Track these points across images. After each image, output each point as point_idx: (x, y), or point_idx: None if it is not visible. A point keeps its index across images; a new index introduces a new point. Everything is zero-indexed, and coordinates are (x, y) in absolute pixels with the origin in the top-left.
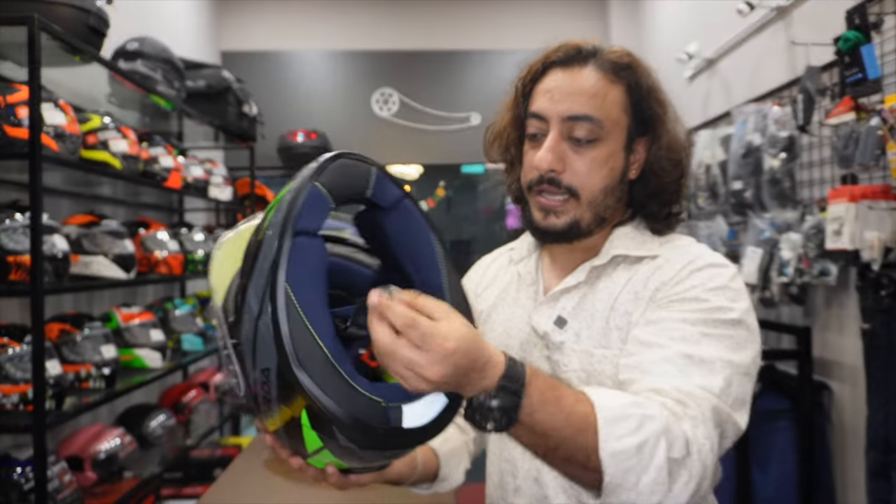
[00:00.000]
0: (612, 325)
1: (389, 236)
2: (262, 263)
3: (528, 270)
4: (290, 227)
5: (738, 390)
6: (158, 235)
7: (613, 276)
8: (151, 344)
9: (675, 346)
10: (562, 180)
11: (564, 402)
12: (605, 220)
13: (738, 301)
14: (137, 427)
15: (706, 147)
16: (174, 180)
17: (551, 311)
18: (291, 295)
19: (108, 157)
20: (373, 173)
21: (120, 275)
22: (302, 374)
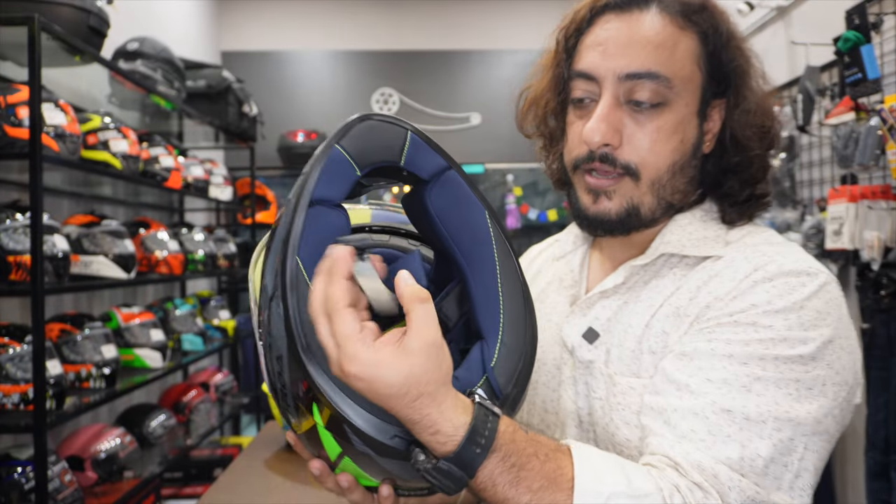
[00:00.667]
0: (645, 346)
1: (433, 217)
2: (278, 236)
3: (570, 269)
4: (305, 196)
5: (805, 456)
6: (159, 235)
7: (662, 282)
8: (152, 344)
9: (711, 395)
10: (618, 157)
11: (525, 486)
12: (672, 205)
13: (818, 327)
14: (138, 427)
15: None
16: (174, 180)
17: (583, 321)
18: (304, 271)
19: (108, 157)
20: (408, 137)
21: (120, 275)
22: (310, 362)
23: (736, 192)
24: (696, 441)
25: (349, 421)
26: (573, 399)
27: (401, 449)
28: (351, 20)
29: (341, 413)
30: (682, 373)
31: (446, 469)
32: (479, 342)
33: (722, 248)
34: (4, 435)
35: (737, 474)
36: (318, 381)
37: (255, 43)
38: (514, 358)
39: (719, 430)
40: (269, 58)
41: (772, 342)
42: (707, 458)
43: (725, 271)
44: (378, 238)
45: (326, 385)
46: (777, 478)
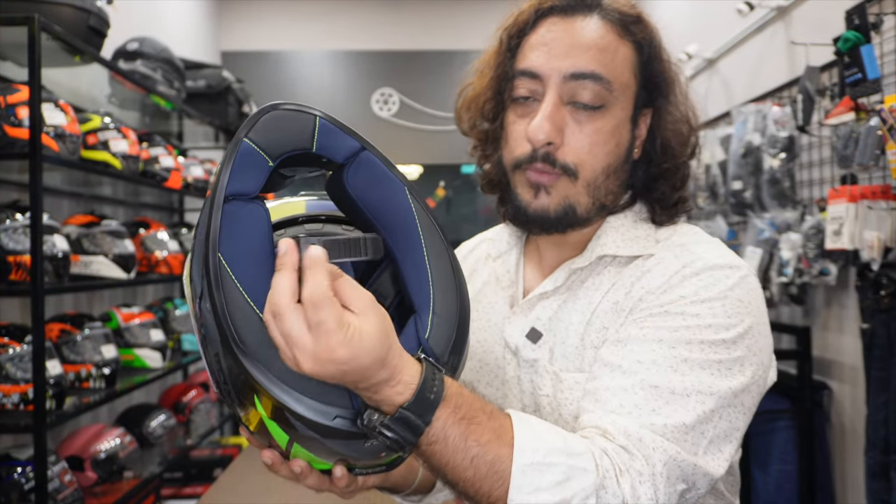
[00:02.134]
0: (588, 342)
1: (354, 200)
2: (199, 237)
3: (507, 269)
4: (219, 193)
5: (721, 426)
6: (159, 235)
7: (598, 280)
8: (151, 344)
9: (640, 374)
10: (557, 157)
11: (474, 438)
12: (605, 207)
13: (741, 314)
14: (137, 427)
15: (705, 147)
16: (174, 180)
17: (525, 322)
18: (227, 267)
19: (108, 157)
20: (317, 123)
21: (120, 275)
22: (244, 355)
23: (667, 197)
24: (624, 413)
25: (289, 408)
26: (519, 398)
27: (344, 429)
28: (351, 20)
29: (281, 402)
30: (614, 356)
31: (404, 418)
32: (413, 316)
33: (653, 246)
34: (4, 435)
35: (660, 437)
36: (254, 374)
37: (254, 43)
38: (447, 327)
39: (646, 403)
40: (268, 58)
41: (698, 328)
42: (633, 424)
43: (657, 268)
44: (311, 227)
45: (263, 377)
46: (695, 443)
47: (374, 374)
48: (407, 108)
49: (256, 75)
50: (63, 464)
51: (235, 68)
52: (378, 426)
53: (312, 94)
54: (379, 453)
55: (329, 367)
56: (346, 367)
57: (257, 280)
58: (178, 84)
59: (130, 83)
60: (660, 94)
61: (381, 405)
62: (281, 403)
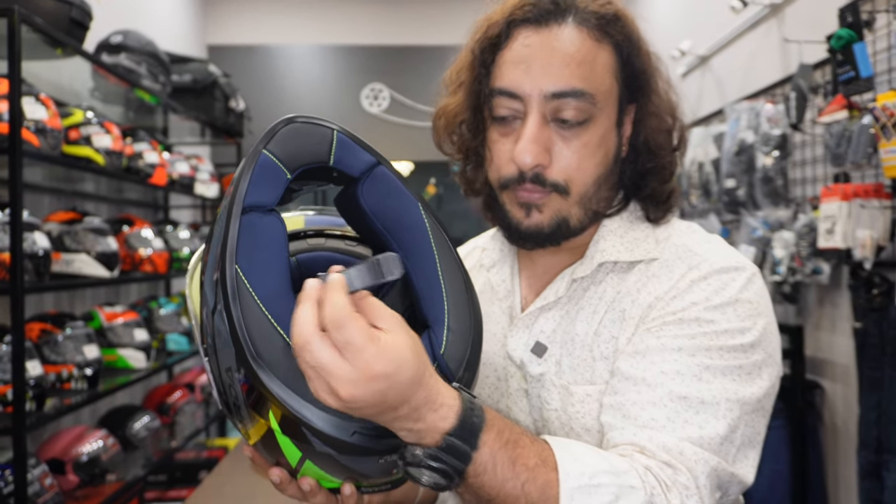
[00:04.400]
0: (598, 353)
1: (367, 214)
2: (214, 248)
3: (502, 279)
4: (237, 204)
5: (747, 432)
6: (143, 233)
7: (600, 288)
8: (135, 344)
9: (667, 385)
10: (547, 177)
11: (522, 463)
12: (598, 213)
13: (753, 317)
14: (121, 429)
15: (699, 145)
16: (159, 177)
17: (528, 335)
18: (244, 279)
19: (90, 153)
20: (334, 136)
21: (103, 273)
22: (261, 369)
23: (658, 193)
24: (658, 427)
25: (307, 423)
26: (526, 412)
27: (362, 445)
28: (341, 14)
29: (298, 416)
30: (636, 369)
31: (452, 445)
32: (427, 331)
33: (654, 248)
34: None
35: (699, 448)
36: (272, 389)
37: (242, 37)
38: (462, 342)
39: (678, 415)
40: (256, 52)
41: (715, 334)
42: (670, 438)
43: (661, 272)
44: (314, 242)
45: (281, 390)
46: (728, 452)
47: (413, 393)
48: (397, 104)
49: (244, 70)
50: (43, 467)
51: (222, 62)
52: (424, 459)
53: (301, 90)
54: (390, 471)
55: (369, 388)
56: (386, 385)
57: (275, 293)
58: (163, 78)
59: (114, 77)
60: (642, 88)
61: (423, 435)
62: (299, 418)
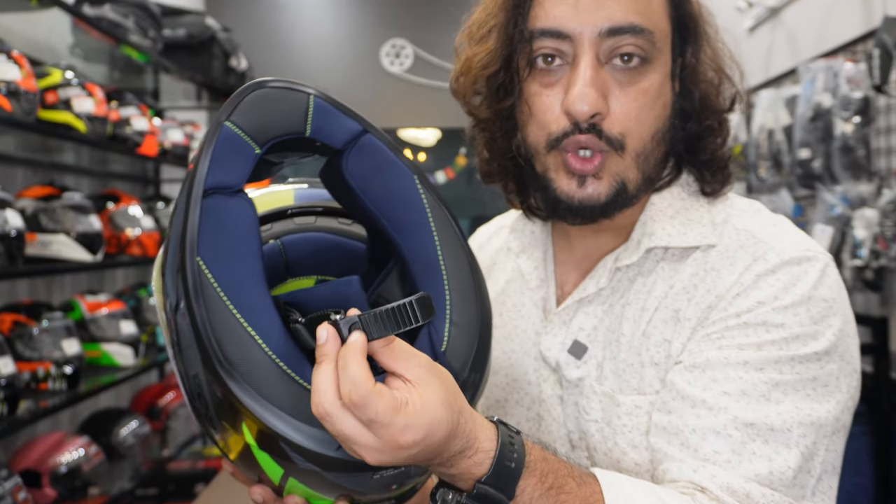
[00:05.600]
0: (647, 358)
1: (354, 190)
2: (174, 237)
3: (534, 266)
4: (197, 186)
5: (827, 458)
6: (130, 210)
7: (650, 280)
8: (122, 338)
9: (731, 409)
10: (604, 128)
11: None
12: (651, 180)
13: (827, 318)
14: (105, 435)
15: (768, 109)
16: (149, 146)
17: (565, 333)
18: (208, 273)
19: (70, 119)
20: (310, 102)
21: (84, 257)
22: (230, 377)
23: (716, 159)
24: (722, 462)
25: (285, 438)
26: (561, 421)
27: (349, 460)
28: None
29: (275, 430)
30: (694, 387)
31: (484, 494)
32: (426, 325)
33: (711, 232)
34: None
35: (768, 489)
36: (242, 399)
37: None
38: (467, 338)
39: (744, 447)
40: (260, 3)
41: (785, 342)
42: (736, 477)
43: (722, 264)
44: (302, 222)
45: (253, 402)
46: (803, 486)
47: (447, 446)
48: (422, 63)
49: (246, 24)
50: (17, 479)
51: (221, 15)
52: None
53: (312, 46)
54: (389, 486)
55: (399, 455)
56: (416, 451)
57: (244, 288)
58: (154, 33)
59: (97, 32)
60: (694, 36)
61: (456, 480)
62: (275, 432)
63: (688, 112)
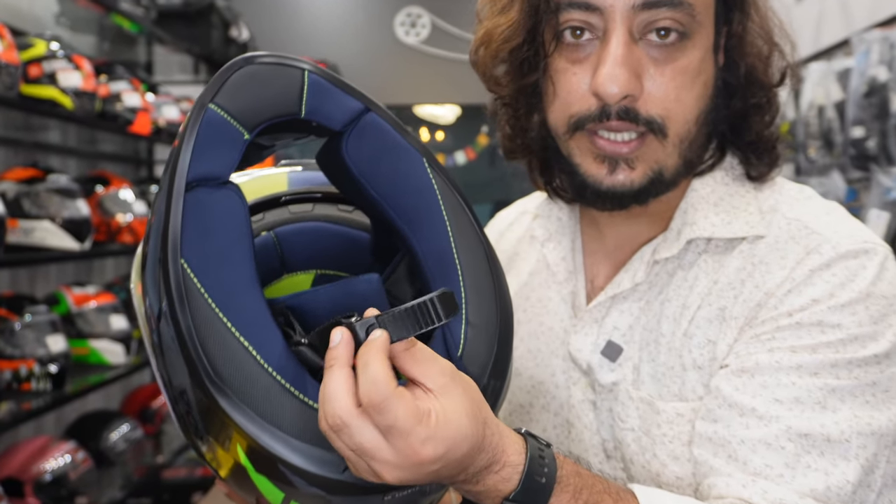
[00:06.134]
0: (688, 361)
1: (356, 176)
2: (154, 236)
3: (561, 256)
4: (179, 179)
5: (888, 470)
6: (121, 194)
7: (691, 274)
8: (112, 333)
9: (784, 419)
10: (640, 110)
11: None
12: (692, 164)
13: (888, 316)
14: (93, 440)
15: (818, 84)
16: (141, 124)
17: (597, 332)
18: (193, 278)
19: (55, 94)
20: (305, 79)
21: (71, 245)
22: (221, 394)
23: (763, 139)
24: (774, 477)
25: (286, 461)
26: (593, 429)
27: (357, 483)
28: None
29: (274, 453)
30: (743, 393)
31: None
32: (440, 327)
33: (758, 221)
34: None
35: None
36: (236, 419)
37: None
38: (485, 340)
39: (798, 460)
40: None
41: (842, 343)
42: (789, 494)
43: (771, 257)
44: (298, 210)
45: (248, 421)
46: (863, 502)
47: (472, 461)
48: (440, 33)
49: None
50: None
51: None
52: None
53: (319, 14)
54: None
55: (420, 472)
56: (438, 466)
57: (235, 294)
58: (147, 1)
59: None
60: (738, 3)
61: (482, 498)
62: (274, 455)
63: (733, 88)
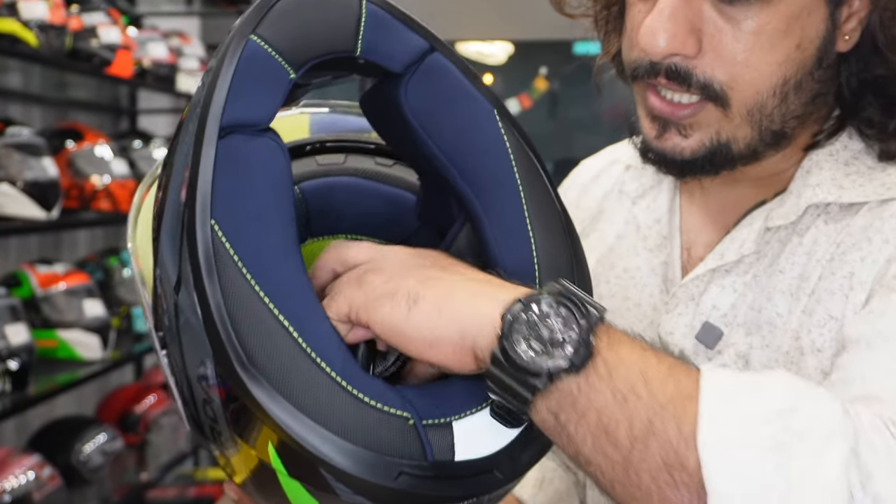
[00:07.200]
0: (807, 343)
1: (414, 126)
2: (174, 189)
3: (655, 218)
4: (211, 121)
5: None
6: (97, 151)
7: (807, 240)
8: (85, 322)
9: None
10: (694, 72)
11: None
12: (787, 136)
13: None
14: (63, 453)
15: None
16: (122, 65)
17: (693, 312)
18: (225, 243)
19: (16, 28)
20: (363, 10)
21: (35, 213)
22: (254, 381)
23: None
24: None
25: (329, 464)
26: None
27: (414, 491)
28: None
29: (316, 454)
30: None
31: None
32: None
33: (886, 191)
34: None
35: None
36: (272, 412)
37: None
38: None
39: None
40: None
41: None
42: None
43: None
44: (326, 161)
45: (287, 415)
46: None
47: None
48: None
49: None
50: None
51: None
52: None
53: None
54: None
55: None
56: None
57: (274, 266)
58: None
59: None
60: None
61: None
62: (315, 456)
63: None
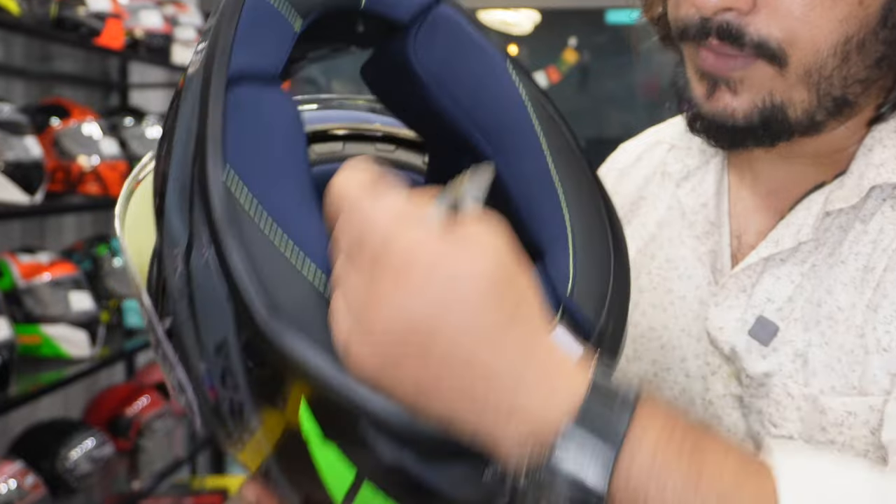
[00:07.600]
0: (872, 340)
1: (424, 82)
2: (181, 145)
3: (702, 202)
4: (217, 70)
5: None
6: (84, 129)
7: (871, 227)
8: (72, 317)
9: None
10: (747, 29)
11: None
12: (849, 103)
13: None
14: (47, 459)
15: None
16: (112, 35)
17: (746, 305)
18: (245, 188)
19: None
20: None
21: (17, 197)
22: (285, 331)
23: None
24: None
25: (370, 410)
26: (741, 433)
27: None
28: None
29: (356, 400)
30: None
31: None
32: (537, 263)
33: None
34: None
35: None
36: (307, 359)
37: None
38: (599, 273)
39: None
40: None
41: None
42: None
43: None
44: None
45: (324, 363)
46: None
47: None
48: None
49: None
50: None
51: None
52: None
53: None
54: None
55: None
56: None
57: (295, 217)
58: None
59: None
60: None
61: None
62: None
63: None
